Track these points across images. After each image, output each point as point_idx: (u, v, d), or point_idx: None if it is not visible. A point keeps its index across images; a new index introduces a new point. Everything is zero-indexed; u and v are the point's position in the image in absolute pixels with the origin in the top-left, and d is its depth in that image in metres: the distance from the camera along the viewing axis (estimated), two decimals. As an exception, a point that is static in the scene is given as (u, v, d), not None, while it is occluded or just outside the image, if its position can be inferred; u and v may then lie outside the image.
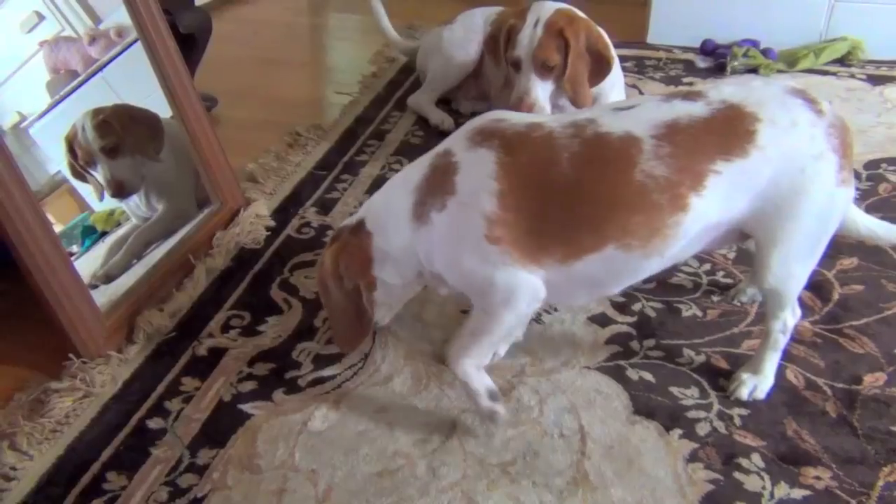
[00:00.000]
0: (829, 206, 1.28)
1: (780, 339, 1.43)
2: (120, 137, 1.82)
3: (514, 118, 1.35)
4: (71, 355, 1.55)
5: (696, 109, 1.26)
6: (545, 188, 1.26)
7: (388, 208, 1.38)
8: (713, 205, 1.26)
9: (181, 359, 1.60)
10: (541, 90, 2.07)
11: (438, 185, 1.31)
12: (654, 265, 1.33)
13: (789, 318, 1.42)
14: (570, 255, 1.28)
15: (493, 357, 1.53)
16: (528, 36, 2.05)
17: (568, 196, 1.25)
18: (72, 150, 1.76)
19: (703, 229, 1.29)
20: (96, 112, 1.80)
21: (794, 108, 1.26)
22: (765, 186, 1.25)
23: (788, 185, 1.25)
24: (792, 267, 1.33)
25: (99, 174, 1.81)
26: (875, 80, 2.99)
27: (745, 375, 1.47)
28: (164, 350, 1.63)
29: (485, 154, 1.28)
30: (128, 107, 1.88)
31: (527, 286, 1.30)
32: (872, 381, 1.49)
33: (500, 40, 2.16)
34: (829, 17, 3.23)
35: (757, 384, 1.45)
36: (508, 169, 1.26)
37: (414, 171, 1.38)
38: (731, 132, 1.24)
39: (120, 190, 1.83)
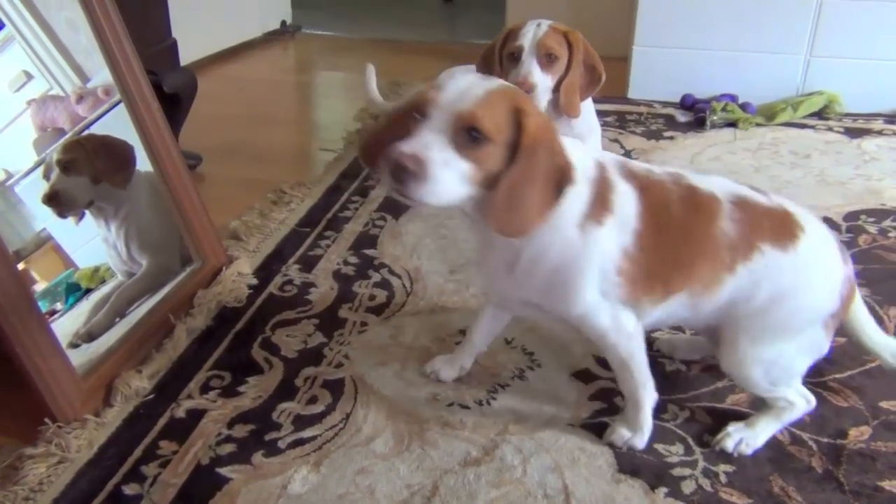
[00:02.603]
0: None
1: (783, 413, 1.46)
2: (85, 157, 1.80)
3: (634, 164, 1.38)
4: (46, 419, 1.52)
5: (760, 198, 1.38)
6: (662, 230, 1.31)
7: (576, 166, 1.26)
8: (741, 281, 1.33)
9: (159, 421, 1.56)
10: (540, 77, 2.02)
11: (602, 196, 1.29)
12: (684, 313, 1.40)
13: (796, 399, 1.46)
14: (664, 295, 1.35)
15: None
16: (532, 30, 2.03)
17: (674, 237, 1.32)
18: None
19: (718, 300, 1.35)
20: (75, 136, 1.81)
21: (829, 240, 1.41)
22: (771, 290, 1.33)
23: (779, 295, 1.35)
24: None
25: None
26: (852, 133, 3.05)
27: (733, 428, 1.46)
28: (141, 412, 1.60)
29: (631, 192, 1.32)
30: (104, 135, 1.87)
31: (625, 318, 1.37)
32: (858, 436, 1.48)
33: (495, 46, 2.12)
34: (806, 71, 3.31)
35: (744, 438, 1.44)
36: (647, 211, 1.31)
37: (586, 158, 1.30)
38: (782, 226, 1.35)
39: (52, 199, 1.76)
